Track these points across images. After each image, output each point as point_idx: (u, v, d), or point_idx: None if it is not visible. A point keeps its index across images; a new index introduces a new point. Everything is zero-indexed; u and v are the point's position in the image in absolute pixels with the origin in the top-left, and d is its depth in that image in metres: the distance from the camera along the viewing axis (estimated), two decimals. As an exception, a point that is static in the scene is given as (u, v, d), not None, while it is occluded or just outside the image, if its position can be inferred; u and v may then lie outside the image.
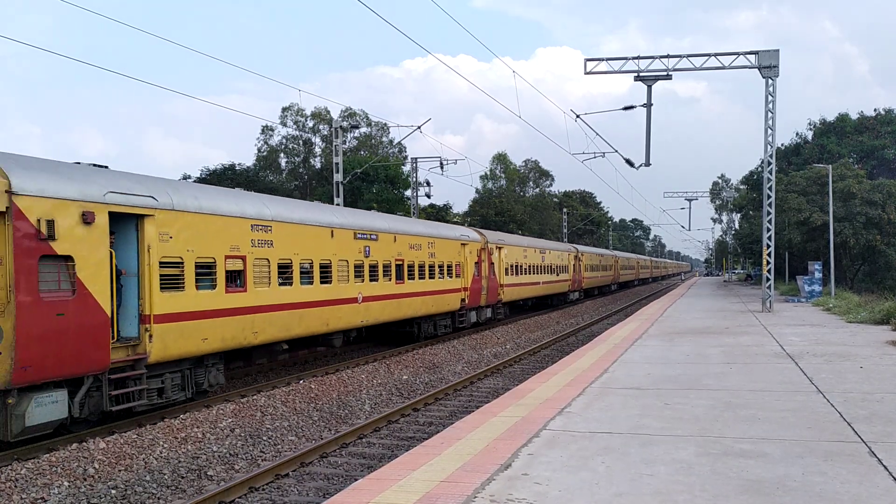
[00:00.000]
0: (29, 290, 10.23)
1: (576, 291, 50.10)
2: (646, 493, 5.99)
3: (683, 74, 27.17)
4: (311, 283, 17.21)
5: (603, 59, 27.48)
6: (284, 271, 16.15)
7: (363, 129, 66.37)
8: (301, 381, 16.49)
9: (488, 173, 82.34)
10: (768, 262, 27.17)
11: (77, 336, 10.86)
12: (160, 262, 12.54)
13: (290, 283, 16.31)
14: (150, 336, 12.26)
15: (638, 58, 26.94)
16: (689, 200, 75.52)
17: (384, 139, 68.93)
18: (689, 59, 26.57)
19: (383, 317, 20.90)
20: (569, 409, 9.48)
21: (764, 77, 26.06)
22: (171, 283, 12.79)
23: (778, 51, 25.88)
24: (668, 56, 26.69)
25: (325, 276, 17.80)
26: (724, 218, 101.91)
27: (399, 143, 69.46)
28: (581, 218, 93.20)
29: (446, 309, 25.53)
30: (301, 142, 67.50)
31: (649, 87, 26.73)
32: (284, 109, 66.92)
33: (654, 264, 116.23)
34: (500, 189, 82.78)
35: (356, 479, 7.97)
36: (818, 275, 36.27)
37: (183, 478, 10.34)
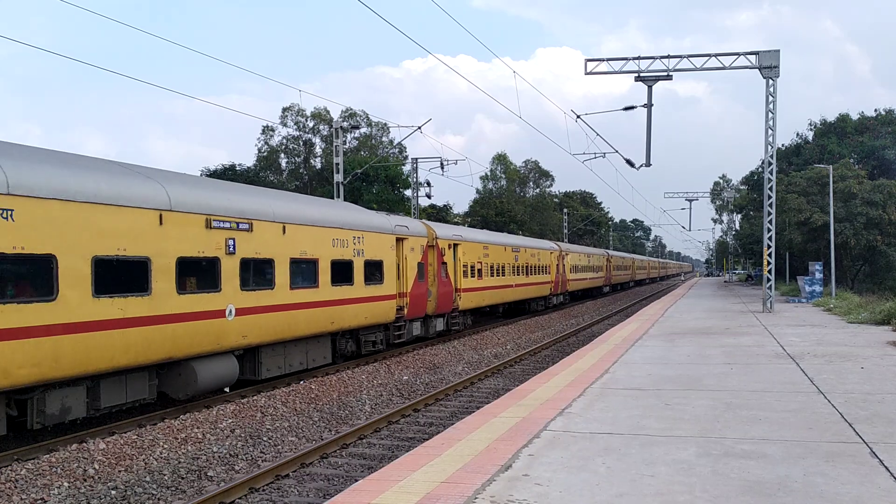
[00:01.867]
0: (438, 276, 24.20)
1: (607, 286, 63.69)
2: (647, 494, 5.97)
3: (684, 75, 27.18)
4: (499, 276, 31.75)
5: (603, 60, 27.47)
6: (491, 269, 30.57)
7: (363, 130, 66.32)
8: (301, 382, 16.48)
9: (489, 174, 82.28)
10: (769, 263, 27.14)
11: (447, 296, 25.15)
12: (462, 265, 26.74)
13: (493, 276, 30.77)
14: (460, 297, 26.45)
15: (638, 58, 26.93)
16: (690, 201, 75.44)
17: (384, 139, 68.90)
18: (690, 59, 26.55)
19: (519, 297, 35.31)
20: (569, 410, 9.47)
21: (764, 77, 26.04)
22: (465, 274, 27.09)
23: (778, 51, 25.86)
24: (668, 56, 26.67)
25: (503, 273, 32.18)
26: (725, 218, 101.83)
27: (399, 143, 69.43)
28: (581, 218, 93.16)
29: (542, 294, 40.07)
30: (301, 142, 67.46)
31: (650, 87, 26.70)
32: (285, 110, 66.91)
33: (661, 265, 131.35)
34: (500, 189, 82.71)
35: (356, 480, 7.96)
36: (819, 275, 36.24)
37: (183, 478, 10.33)
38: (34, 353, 10.15)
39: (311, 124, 66.75)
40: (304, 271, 16.48)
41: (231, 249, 14.07)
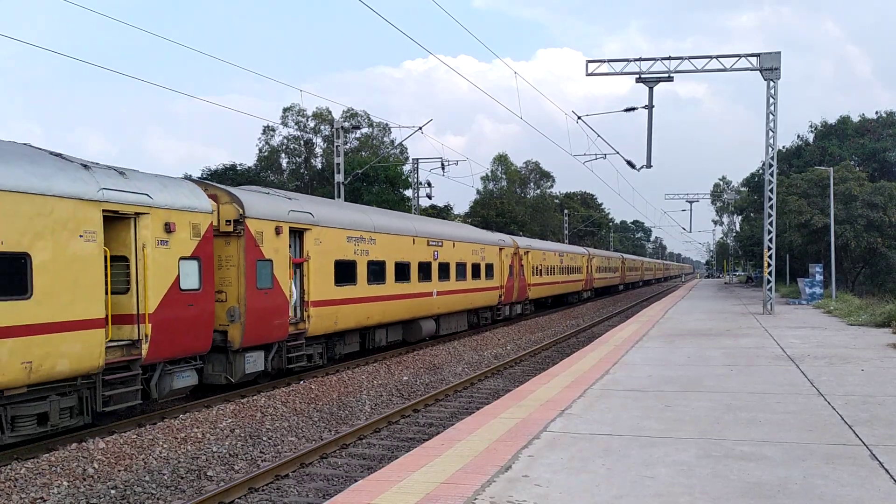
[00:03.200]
0: (518, 274, 34.01)
1: (621, 285, 73.76)
2: (646, 496, 5.97)
3: (685, 76, 27.44)
4: (551, 275, 41.46)
5: (604, 61, 27.47)
6: (547, 270, 40.33)
7: (364, 130, 66.31)
8: (301, 382, 16.48)
9: (489, 174, 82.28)
10: (769, 265, 27.13)
11: (523, 289, 34.92)
12: (531, 266, 36.37)
13: (548, 275, 40.30)
14: (529, 290, 36.19)
15: (639, 59, 26.93)
16: (690, 202, 75.28)
17: (385, 140, 68.89)
18: (691, 60, 26.55)
19: (562, 291, 45.48)
20: (569, 411, 9.47)
21: (765, 79, 26.03)
22: (532, 273, 36.42)
23: (779, 53, 25.85)
24: (669, 58, 26.68)
25: (553, 273, 42.14)
26: (725, 220, 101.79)
27: (400, 143, 69.41)
28: (582, 219, 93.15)
29: (576, 289, 50.23)
30: (302, 142, 67.45)
31: (651, 88, 26.70)
32: (286, 110, 66.94)
33: (664, 266, 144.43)
34: (500, 190, 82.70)
35: (356, 481, 7.96)
36: (819, 277, 36.21)
37: (182, 478, 10.32)
38: (377, 310, 20.20)
39: (311, 124, 66.76)
40: (460, 270, 26.79)
41: (435, 256, 24.39)
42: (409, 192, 55.53)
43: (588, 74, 27.49)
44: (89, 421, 11.53)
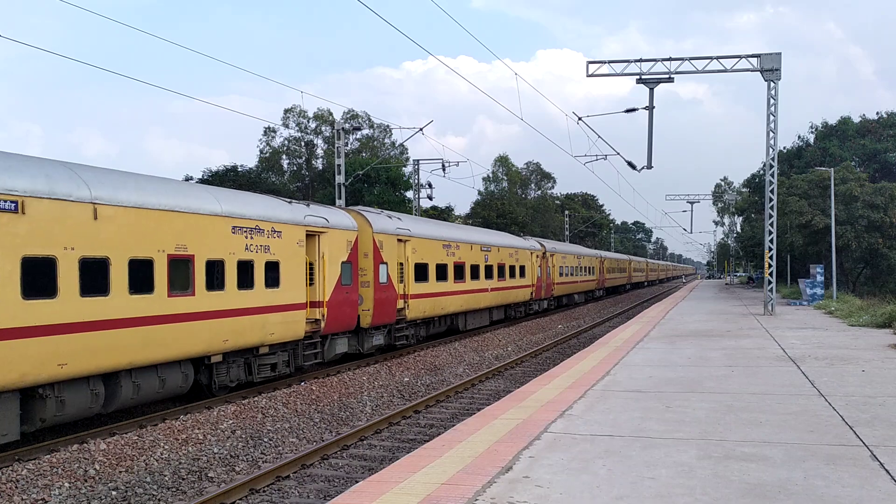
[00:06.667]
0: (602, 274, 59.30)
1: (646, 281, 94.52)
2: (647, 496, 5.98)
3: (685, 77, 27.46)
4: (622, 272, 72.01)
5: (605, 62, 27.48)
6: (631, 270, 79.49)
7: (365, 131, 66.30)
8: (302, 383, 16.49)
9: (490, 175, 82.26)
10: (770, 265, 27.12)
11: (603, 281, 60.04)
12: (606, 269, 63.21)
13: (627, 273, 75.75)
14: (605, 282, 61.46)
15: (640, 60, 26.94)
16: (691, 203, 75.21)
17: (386, 141, 68.89)
18: (691, 61, 26.56)
19: (618, 283, 68.68)
20: (570, 412, 9.47)
21: (766, 80, 26.02)
22: (608, 271, 64.39)
23: (780, 54, 25.83)
24: (669, 59, 26.69)
25: (625, 271, 73.95)
26: (726, 221, 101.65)
27: (401, 144, 69.40)
28: (583, 220, 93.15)
29: (623, 283, 71.09)
30: (303, 143, 67.44)
31: (651, 89, 26.71)
32: (286, 111, 66.91)
33: (672, 267, 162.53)
34: (501, 191, 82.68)
35: (357, 482, 7.96)
36: (820, 278, 36.19)
37: (183, 479, 10.34)
38: (570, 287, 46.17)
39: (312, 126, 66.77)
40: (582, 270, 48.85)
41: (579, 264, 48.16)
42: (409, 194, 55.56)
43: (589, 75, 27.49)
44: (523, 315, 35.17)
